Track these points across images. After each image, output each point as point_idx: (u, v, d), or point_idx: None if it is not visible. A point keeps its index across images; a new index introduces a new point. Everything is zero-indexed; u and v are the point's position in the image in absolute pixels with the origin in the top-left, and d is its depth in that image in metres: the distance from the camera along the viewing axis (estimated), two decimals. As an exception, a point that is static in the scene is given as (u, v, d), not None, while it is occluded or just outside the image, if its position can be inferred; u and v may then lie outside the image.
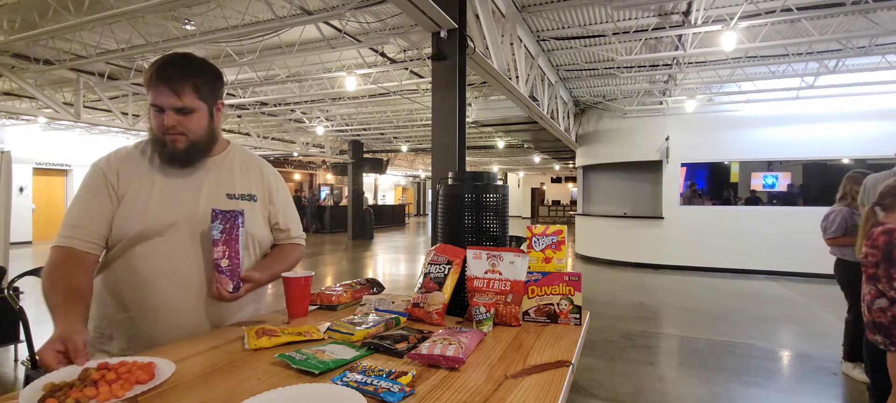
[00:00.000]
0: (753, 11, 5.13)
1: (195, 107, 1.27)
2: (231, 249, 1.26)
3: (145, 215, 1.25)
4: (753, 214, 9.06)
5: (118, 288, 1.27)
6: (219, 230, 1.25)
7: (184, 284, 1.27)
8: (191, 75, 1.26)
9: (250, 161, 1.47)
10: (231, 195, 1.37)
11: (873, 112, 8.04)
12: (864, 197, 3.25)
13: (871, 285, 2.31)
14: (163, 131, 1.25)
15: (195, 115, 1.28)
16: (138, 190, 1.27)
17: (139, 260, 1.25)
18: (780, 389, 3.47)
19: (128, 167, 1.29)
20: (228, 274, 1.25)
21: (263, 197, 1.44)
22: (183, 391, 0.89)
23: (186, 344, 1.17)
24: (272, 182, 1.47)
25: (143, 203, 1.26)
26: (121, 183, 1.27)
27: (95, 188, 1.26)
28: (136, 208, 1.25)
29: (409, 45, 6.41)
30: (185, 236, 1.28)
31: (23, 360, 3.71)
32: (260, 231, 1.42)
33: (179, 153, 1.28)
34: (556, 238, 1.50)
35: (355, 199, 15.50)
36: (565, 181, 29.08)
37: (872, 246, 2.28)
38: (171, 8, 5.03)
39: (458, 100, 3.85)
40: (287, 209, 1.51)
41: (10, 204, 4.87)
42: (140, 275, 1.25)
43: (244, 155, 1.47)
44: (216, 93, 1.35)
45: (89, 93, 8.46)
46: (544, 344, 1.17)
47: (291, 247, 1.53)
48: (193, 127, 1.28)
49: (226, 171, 1.39)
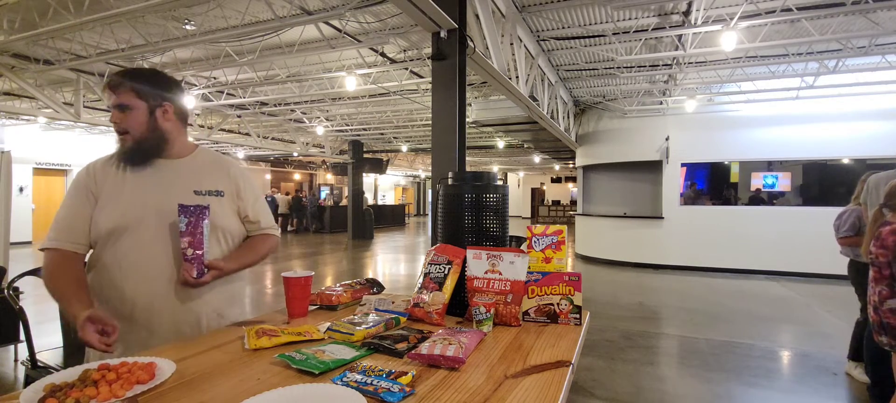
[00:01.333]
0: (753, 11, 5.13)
1: (132, 104, 1.39)
2: (195, 239, 1.34)
3: (117, 211, 1.36)
4: (753, 214, 9.06)
5: (100, 286, 1.36)
6: (184, 223, 1.34)
7: (155, 275, 1.36)
8: (129, 78, 1.40)
9: (218, 161, 1.58)
10: (198, 191, 1.46)
11: (873, 112, 8.04)
12: (867, 196, 3.24)
13: (881, 286, 2.30)
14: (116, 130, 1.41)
15: (133, 113, 1.39)
16: (112, 189, 1.38)
17: (112, 255, 1.35)
18: (780, 389, 3.47)
19: (105, 170, 1.41)
20: (193, 261, 1.34)
21: (231, 192, 1.53)
22: (183, 391, 0.89)
23: (186, 344, 1.17)
24: (240, 179, 1.57)
25: (116, 201, 1.37)
26: (98, 184, 1.38)
27: (77, 192, 1.38)
28: (109, 206, 1.36)
29: (409, 44, 6.41)
30: (154, 230, 1.38)
31: (23, 360, 3.71)
32: (229, 222, 1.51)
33: (126, 150, 1.40)
34: (556, 238, 1.50)
35: (355, 199, 15.50)
36: (565, 181, 29.07)
37: (882, 246, 2.26)
38: (171, 8, 5.03)
39: (458, 100, 3.85)
40: (256, 203, 1.60)
41: (10, 204, 4.87)
42: (115, 270, 1.34)
43: (213, 156, 1.59)
44: (160, 96, 1.44)
45: (89, 93, 8.46)
46: (544, 344, 1.17)
47: (262, 237, 1.61)
48: (132, 124, 1.39)
49: (193, 171, 1.49)
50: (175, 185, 1.43)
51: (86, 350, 1.38)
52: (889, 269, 2.25)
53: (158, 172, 1.43)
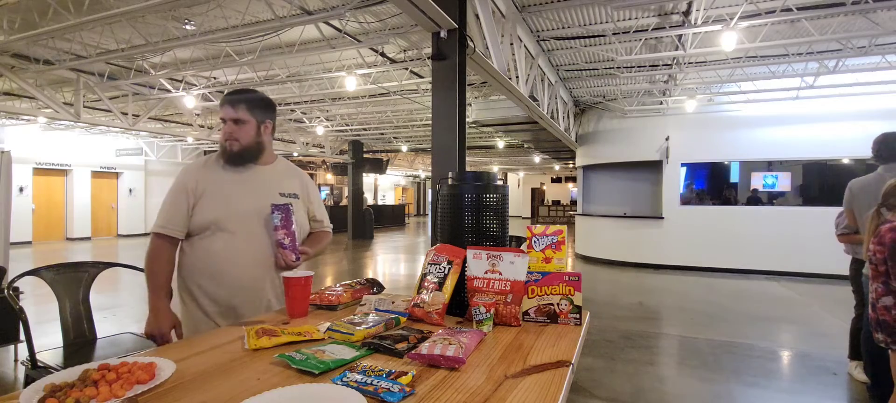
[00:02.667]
0: (753, 11, 5.13)
1: (245, 119, 1.69)
2: (288, 231, 1.66)
3: (221, 206, 1.65)
4: (753, 214, 9.05)
5: (208, 262, 1.65)
6: (279, 218, 1.64)
7: (260, 260, 1.68)
8: (244, 96, 1.72)
9: (293, 169, 1.91)
10: (282, 193, 1.78)
11: (873, 112, 8.03)
12: (852, 200, 3.24)
13: (877, 283, 2.31)
14: (224, 138, 1.69)
15: (244, 127, 1.69)
16: (214, 188, 1.67)
17: (220, 243, 1.64)
18: (780, 389, 3.47)
19: (205, 171, 1.70)
20: (290, 248, 1.65)
21: (304, 196, 1.87)
22: (183, 391, 0.89)
23: (186, 344, 1.17)
24: (309, 185, 1.93)
25: (219, 197, 1.66)
26: (199, 183, 1.67)
27: (179, 189, 1.67)
28: (214, 201, 1.65)
29: (409, 45, 6.41)
30: (255, 224, 1.68)
31: (23, 360, 3.71)
32: (302, 219, 1.84)
33: (233, 154, 1.69)
34: (556, 238, 1.50)
35: (355, 199, 15.49)
36: (565, 181, 29.07)
37: (880, 243, 2.28)
38: (171, 8, 5.03)
39: (458, 100, 3.85)
40: (320, 205, 1.96)
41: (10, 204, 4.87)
42: (224, 255, 1.64)
43: (288, 165, 1.93)
44: (265, 115, 1.76)
45: (89, 93, 8.46)
46: (544, 344, 1.17)
47: (324, 233, 1.97)
48: (243, 135, 1.69)
49: (277, 176, 1.81)
50: (266, 188, 1.74)
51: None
52: (885, 266, 2.26)
53: (254, 176, 1.74)
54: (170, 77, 8.11)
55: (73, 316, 2.06)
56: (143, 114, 9.83)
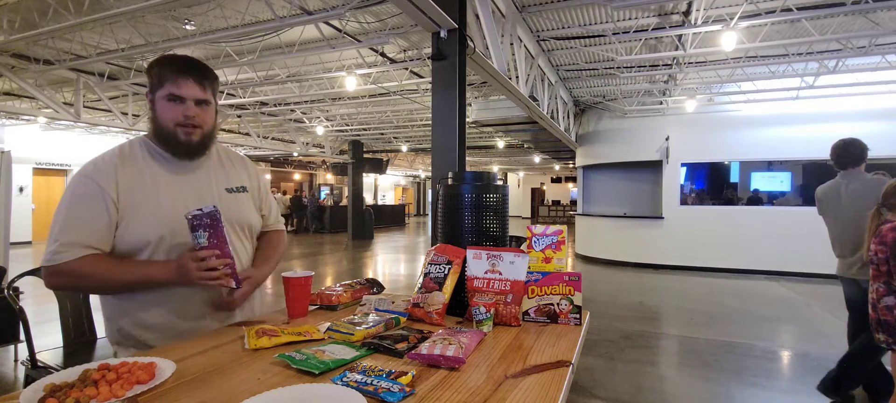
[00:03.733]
0: (753, 11, 5.13)
1: (211, 101, 1.34)
2: (223, 250, 1.23)
3: (165, 220, 1.27)
4: (753, 214, 9.05)
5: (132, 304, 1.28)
6: (205, 236, 1.21)
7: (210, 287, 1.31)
8: (209, 72, 1.34)
9: (232, 155, 1.53)
10: (229, 189, 1.43)
11: (873, 112, 8.04)
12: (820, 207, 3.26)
13: (878, 283, 2.31)
14: (179, 122, 1.28)
15: (209, 109, 1.34)
16: (146, 195, 1.27)
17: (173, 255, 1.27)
18: (779, 389, 3.47)
19: (128, 174, 1.27)
20: (228, 274, 1.25)
21: (253, 188, 1.52)
22: (183, 391, 0.89)
23: (186, 344, 1.17)
24: (256, 174, 1.56)
25: (155, 208, 1.27)
26: (121, 192, 1.24)
27: (91, 199, 1.22)
28: (151, 215, 1.26)
29: (409, 45, 6.41)
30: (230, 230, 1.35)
31: (23, 360, 3.71)
32: (253, 218, 1.49)
33: (194, 145, 1.32)
34: (556, 238, 1.50)
35: (355, 199, 15.50)
36: (565, 181, 29.07)
37: (881, 242, 2.28)
38: (171, 8, 5.03)
39: (458, 100, 3.85)
40: (268, 197, 1.60)
41: (10, 204, 4.87)
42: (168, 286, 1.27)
43: (226, 150, 1.53)
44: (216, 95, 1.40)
45: (89, 93, 8.46)
46: (544, 344, 1.17)
47: (276, 234, 1.61)
48: (208, 120, 1.34)
49: (218, 167, 1.44)
50: (209, 186, 1.38)
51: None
52: (886, 266, 2.26)
53: (191, 173, 1.36)
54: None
55: (73, 316, 2.06)
56: (143, 114, 9.82)
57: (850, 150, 3.08)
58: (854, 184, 3.02)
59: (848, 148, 3.09)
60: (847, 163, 3.09)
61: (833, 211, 3.13)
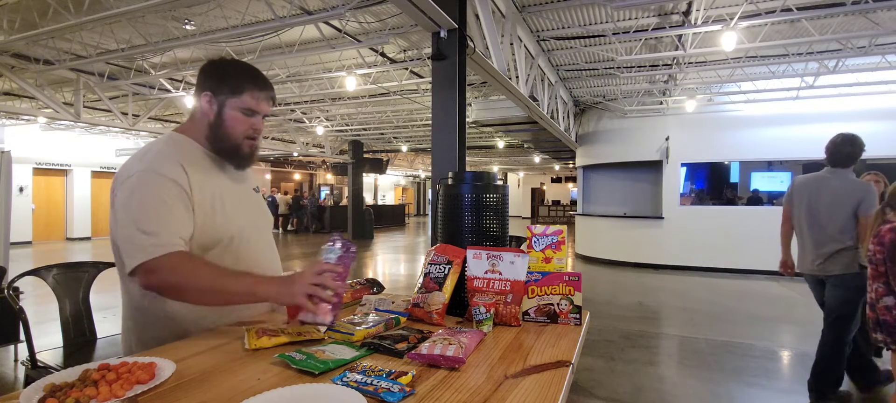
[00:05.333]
0: (753, 11, 5.13)
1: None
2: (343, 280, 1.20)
3: (233, 219, 1.32)
4: (753, 214, 9.05)
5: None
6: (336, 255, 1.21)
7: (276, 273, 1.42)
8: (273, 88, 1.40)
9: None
10: (256, 189, 1.51)
11: (873, 112, 8.04)
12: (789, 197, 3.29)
13: (878, 283, 2.32)
14: (248, 135, 1.33)
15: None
16: (215, 197, 1.29)
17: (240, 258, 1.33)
18: (779, 389, 3.47)
19: (194, 174, 1.26)
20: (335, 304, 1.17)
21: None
22: (183, 391, 0.89)
23: (186, 344, 1.17)
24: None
25: (226, 208, 1.32)
26: (194, 190, 1.24)
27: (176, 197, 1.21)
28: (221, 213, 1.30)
29: (409, 44, 6.41)
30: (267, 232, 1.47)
31: (23, 360, 3.71)
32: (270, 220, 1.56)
33: (251, 157, 1.38)
34: (556, 238, 1.50)
35: (355, 199, 15.50)
36: (565, 181, 29.07)
37: (879, 243, 2.29)
38: (171, 8, 5.03)
39: (458, 100, 3.85)
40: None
41: (10, 204, 4.87)
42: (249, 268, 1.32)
43: None
44: None
45: (89, 93, 8.46)
46: (544, 344, 1.17)
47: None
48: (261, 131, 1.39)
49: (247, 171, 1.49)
50: (249, 189, 1.45)
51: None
52: (885, 266, 2.27)
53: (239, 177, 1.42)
54: (170, 77, 8.10)
55: (73, 316, 2.06)
56: (143, 114, 9.83)
57: (842, 149, 3.11)
58: (836, 181, 3.05)
59: (840, 147, 3.12)
60: (836, 161, 3.11)
61: (806, 202, 3.14)
